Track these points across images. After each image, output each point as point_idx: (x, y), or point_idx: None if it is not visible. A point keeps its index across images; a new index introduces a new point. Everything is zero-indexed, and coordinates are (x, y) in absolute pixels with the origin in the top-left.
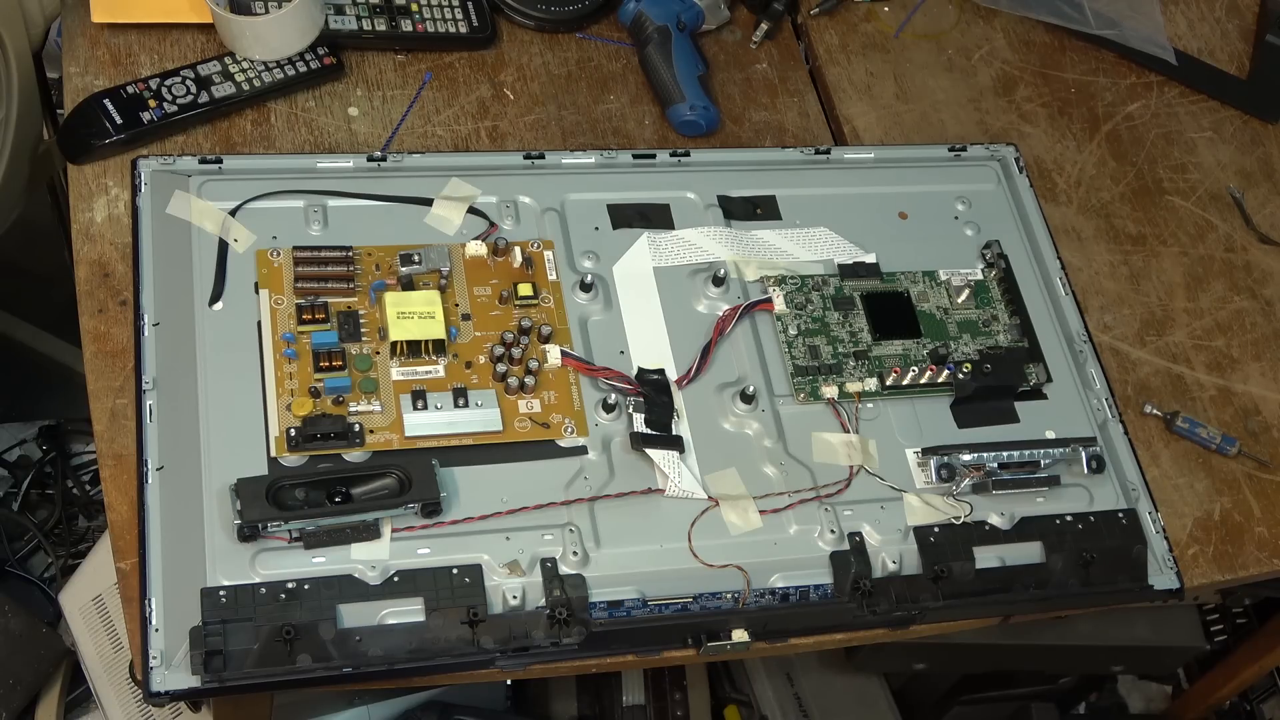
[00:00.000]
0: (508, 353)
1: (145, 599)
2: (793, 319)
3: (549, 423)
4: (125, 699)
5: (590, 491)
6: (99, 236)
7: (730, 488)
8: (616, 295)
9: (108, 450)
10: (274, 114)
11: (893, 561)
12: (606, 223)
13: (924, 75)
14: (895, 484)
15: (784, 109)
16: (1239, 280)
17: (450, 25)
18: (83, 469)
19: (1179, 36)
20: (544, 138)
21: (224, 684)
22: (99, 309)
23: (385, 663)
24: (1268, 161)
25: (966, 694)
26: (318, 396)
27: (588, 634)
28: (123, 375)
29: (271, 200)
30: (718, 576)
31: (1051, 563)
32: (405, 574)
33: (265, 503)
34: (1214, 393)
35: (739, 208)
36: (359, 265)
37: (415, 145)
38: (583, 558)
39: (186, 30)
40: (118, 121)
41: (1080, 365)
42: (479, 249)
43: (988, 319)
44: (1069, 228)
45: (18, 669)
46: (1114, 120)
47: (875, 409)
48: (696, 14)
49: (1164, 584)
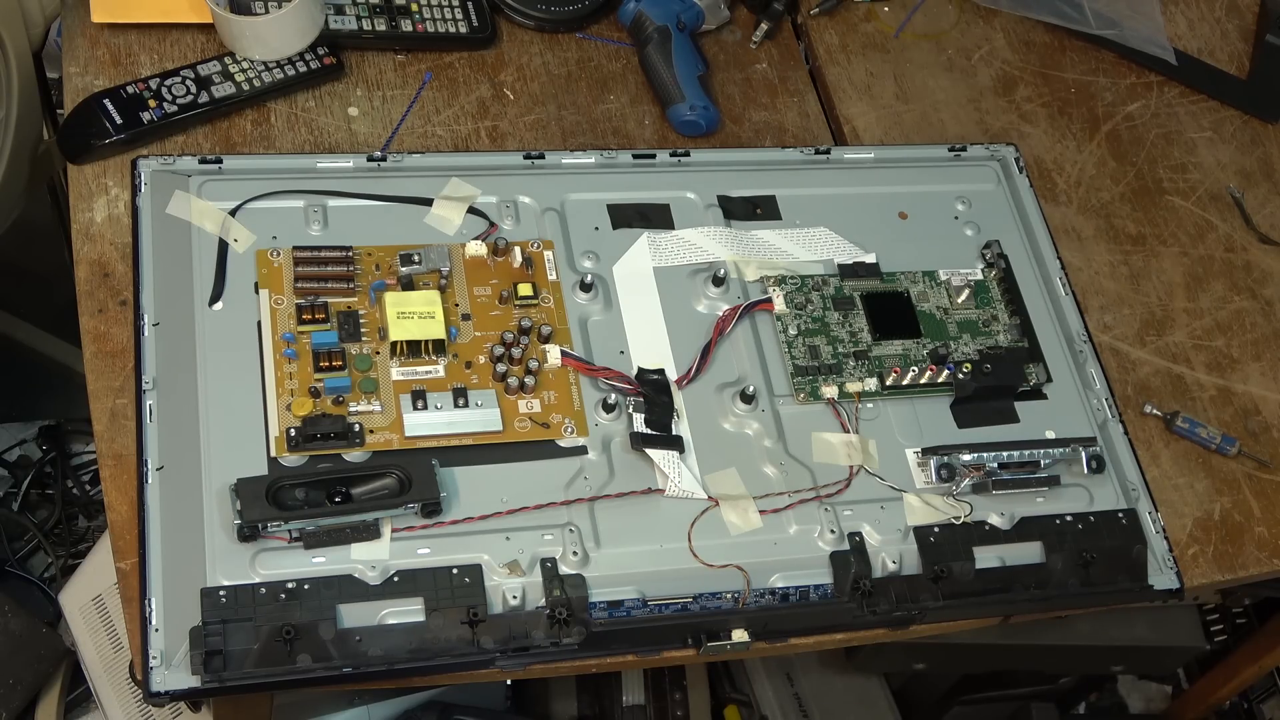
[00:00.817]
0: (508, 353)
1: (145, 599)
2: (793, 319)
3: (549, 423)
4: (125, 699)
5: (590, 491)
6: (99, 236)
7: (730, 488)
8: (616, 295)
9: (108, 450)
10: (274, 114)
11: (893, 561)
12: (606, 223)
13: (924, 75)
14: (895, 484)
15: (784, 109)
16: (1239, 280)
17: (450, 25)
18: (83, 469)
19: (1179, 36)
20: (544, 138)
21: (224, 684)
22: (99, 309)
23: (385, 663)
24: (1267, 161)
25: (966, 694)
26: (318, 396)
27: (588, 634)
28: (123, 375)
29: (271, 200)
30: (718, 576)
31: (1051, 563)
32: (405, 574)
33: (265, 503)
34: (1214, 393)
35: (739, 208)
36: (359, 265)
37: (415, 145)
38: (582, 558)
39: (186, 30)
40: (118, 121)
41: (1080, 365)
42: (479, 249)
43: (988, 319)
44: (1069, 228)
45: (18, 669)
46: (1114, 120)
47: (875, 409)
48: (696, 14)
49: (1164, 584)
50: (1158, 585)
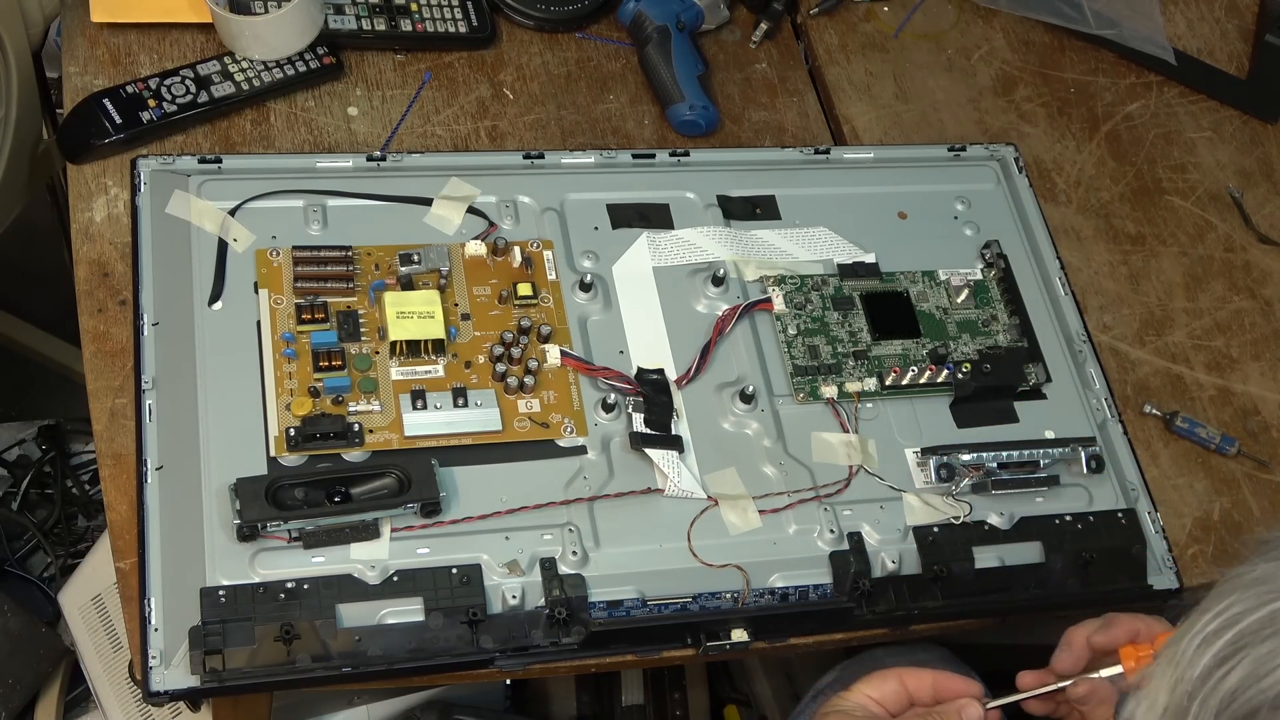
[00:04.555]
0: (507, 352)
1: (144, 598)
2: (792, 319)
3: (548, 422)
4: (125, 699)
5: (590, 491)
6: (98, 236)
7: (729, 487)
8: (616, 295)
9: (107, 450)
10: (273, 114)
11: (892, 561)
12: (606, 222)
13: (923, 75)
14: (894, 484)
15: (783, 109)
16: (1238, 280)
17: (450, 25)
18: (82, 469)
19: (1178, 36)
20: (543, 137)
21: (223, 684)
22: (98, 309)
23: (385, 662)
24: (1267, 161)
25: None
26: (317, 396)
27: (587, 634)
28: (122, 375)
29: (271, 200)
30: (717, 576)
31: (1051, 562)
32: (405, 574)
33: (265, 502)
34: (1213, 393)
35: (738, 207)
36: (358, 265)
37: (415, 145)
38: (582, 557)
39: (186, 30)
40: (117, 121)
41: (1080, 365)
42: (478, 249)
43: (987, 319)
44: (1068, 228)
45: (17, 669)
46: (1113, 120)
47: (875, 409)
48: (696, 14)
49: (1163, 584)
50: (1157, 585)
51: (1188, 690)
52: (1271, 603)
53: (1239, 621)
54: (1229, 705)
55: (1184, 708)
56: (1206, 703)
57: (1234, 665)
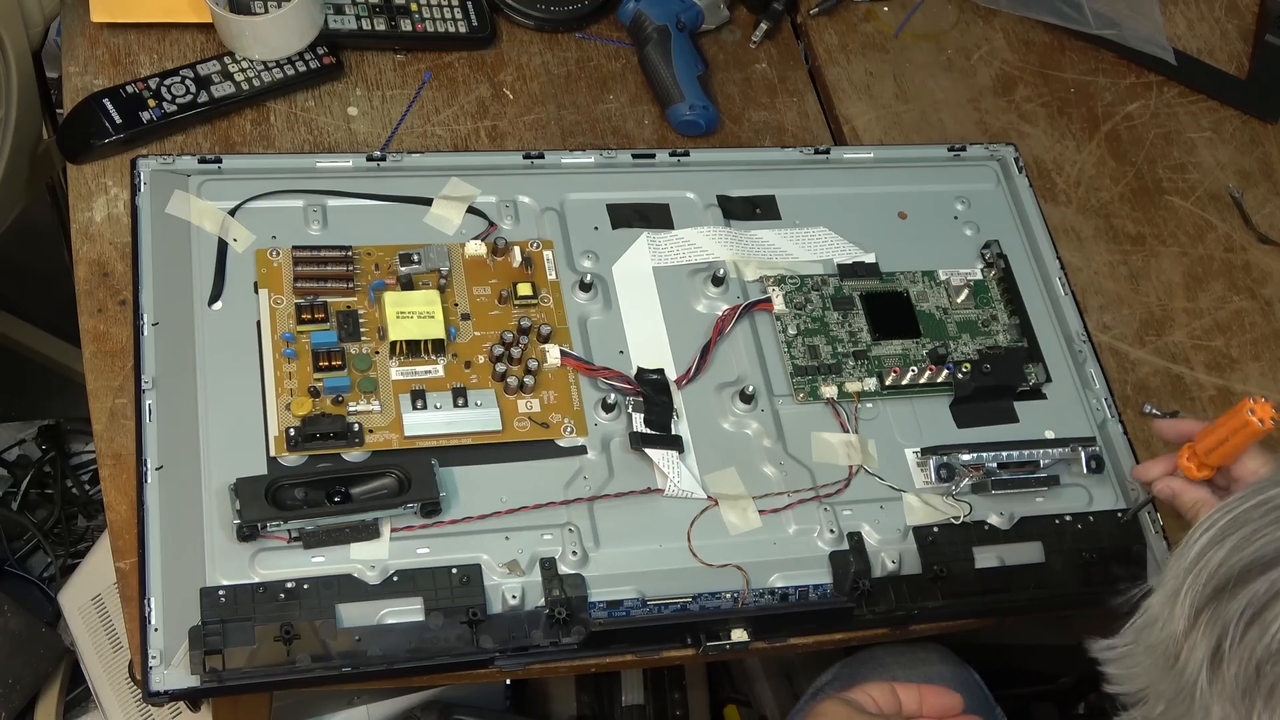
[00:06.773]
0: (507, 352)
1: (144, 598)
2: (792, 319)
3: (548, 422)
4: (124, 699)
5: (589, 491)
6: (98, 236)
7: (729, 487)
8: (616, 295)
9: (107, 450)
10: (273, 114)
11: (892, 561)
12: (606, 222)
13: (923, 75)
14: (894, 484)
15: (783, 109)
16: (1238, 280)
17: (450, 25)
18: (82, 469)
19: (1178, 36)
20: (543, 137)
21: (223, 683)
22: (98, 309)
23: (385, 662)
24: (1267, 161)
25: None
26: (317, 396)
27: (587, 634)
28: (122, 375)
29: (271, 200)
30: (717, 576)
31: (1051, 562)
32: (404, 574)
33: (264, 502)
34: (1213, 393)
35: (738, 207)
36: (358, 265)
37: (415, 145)
38: (582, 557)
39: (186, 30)
40: (117, 121)
41: (1079, 365)
42: (478, 249)
43: (987, 319)
44: (1068, 228)
45: (17, 669)
46: (1113, 120)
47: (874, 409)
48: (696, 14)
49: None
50: None
51: (1184, 566)
52: (1266, 490)
53: (1234, 509)
54: (1217, 572)
55: (1180, 584)
56: (1199, 575)
57: (1223, 540)
